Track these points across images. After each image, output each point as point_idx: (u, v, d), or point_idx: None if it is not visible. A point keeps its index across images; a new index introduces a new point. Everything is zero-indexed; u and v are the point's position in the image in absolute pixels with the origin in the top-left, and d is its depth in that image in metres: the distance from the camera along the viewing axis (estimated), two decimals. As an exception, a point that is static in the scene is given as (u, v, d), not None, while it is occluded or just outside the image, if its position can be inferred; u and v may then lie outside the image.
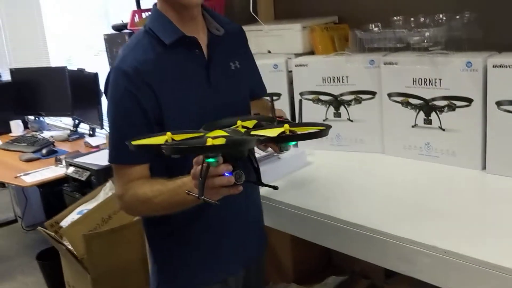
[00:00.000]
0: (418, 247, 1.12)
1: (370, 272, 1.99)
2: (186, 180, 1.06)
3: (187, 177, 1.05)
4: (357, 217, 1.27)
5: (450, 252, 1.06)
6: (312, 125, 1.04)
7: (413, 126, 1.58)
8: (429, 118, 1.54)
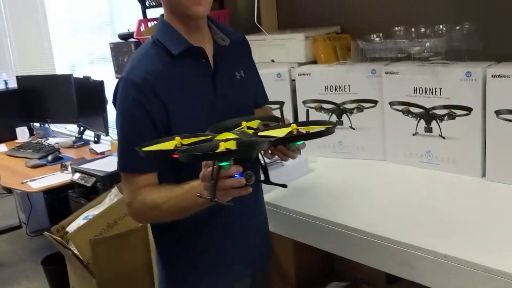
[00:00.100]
0: (419, 252, 1.14)
1: (372, 278, 2.00)
2: (195, 184, 1.07)
3: (195, 181, 1.06)
4: (359, 222, 1.29)
5: (450, 256, 1.09)
6: (318, 123, 1.05)
7: (414, 134, 1.61)
8: (429, 126, 1.56)
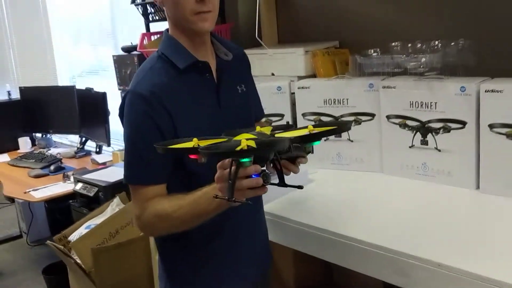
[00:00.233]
0: (414, 261, 1.18)
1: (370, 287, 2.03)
2: (207, 189, 1.08)
3: (208, 186, 1.08)
4: (357, 232, 1.32)
5: (444, 265, 1.12)
6: (332, 124, 1.05)
7: (410, 147, 1.64)
8: (425, 139, 1.60)
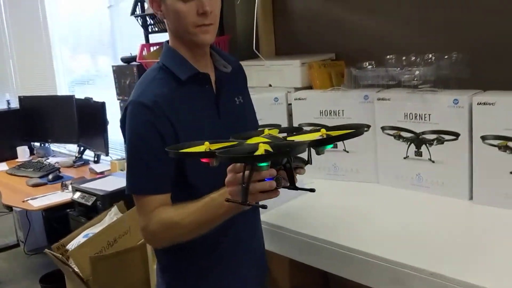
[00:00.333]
0: (409, 270, 1.19)
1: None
2: (215, 195, 1.08)
3: (215, 193, 1.08)
4: (352, 241, 1.34)
5: (437, 274, 1.14)
6: (347, 127, 1.06)
7: (404, 158, 1.67)
8: (419, 150, 1.62)
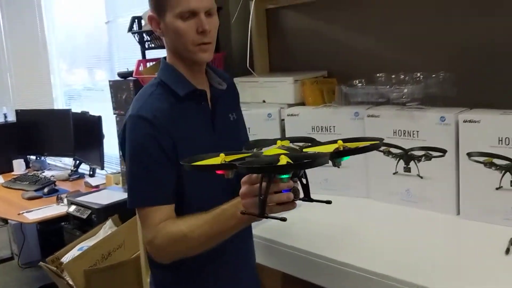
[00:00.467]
0: (397, 283, 1.22)
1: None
2: (226, 207, 1.09)
3: (226, 204, 1.09)
4: (343, 256, 1.36)
5: (422, 287, 1.17)
6: (364, 139, 1.05)
7: (394, 174, 1.70)
8: (408, 166, 1.65)
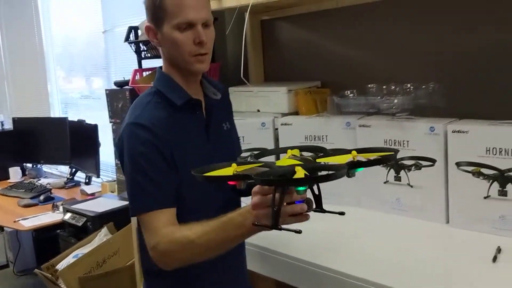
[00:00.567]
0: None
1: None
2: (232, 215, 1.08)
3: (232, 212, 1.09)
4: (334, 263, 1.38)
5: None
6: (378, 150, 1.04)
7: (384, 183, 1.73)
8: (398, 175, 1.68)
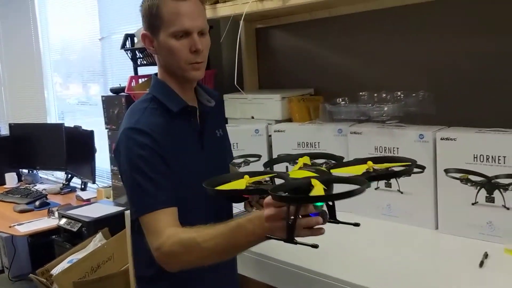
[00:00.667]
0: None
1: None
2: (241, 221, 1.06)
3: (242, 218, 1.07)
4: (325, 268, 1.40)
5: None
6: (395, 159, 1.01)
7: (376, 189, 1.75)
8: (389, 182, 1.71)
